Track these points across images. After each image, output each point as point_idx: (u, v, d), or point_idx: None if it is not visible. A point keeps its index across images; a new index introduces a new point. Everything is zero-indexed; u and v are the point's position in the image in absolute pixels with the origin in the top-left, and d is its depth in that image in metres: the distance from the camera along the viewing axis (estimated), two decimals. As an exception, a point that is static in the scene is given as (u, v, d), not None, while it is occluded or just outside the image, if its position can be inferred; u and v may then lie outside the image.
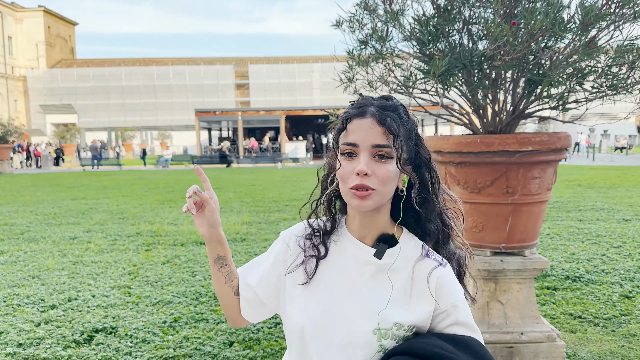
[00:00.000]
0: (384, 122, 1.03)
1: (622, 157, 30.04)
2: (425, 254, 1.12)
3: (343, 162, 1.06)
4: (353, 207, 1.07)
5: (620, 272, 4.96)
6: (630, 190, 11.82)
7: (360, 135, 1.04)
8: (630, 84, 2.75)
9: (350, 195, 1.04)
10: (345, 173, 1.05)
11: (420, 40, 2.86)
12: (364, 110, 1.06)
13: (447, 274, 1.10)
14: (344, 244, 1.13)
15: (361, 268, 1.10)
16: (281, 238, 1.21)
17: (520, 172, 2.92)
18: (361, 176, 1.02)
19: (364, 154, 1.03)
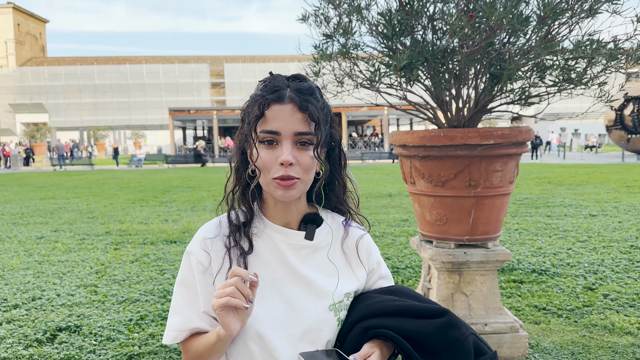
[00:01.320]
0: (306, 108, 1.00)
1: (591, 156, 30.80)
2: (347, 224, 1.17)
3: (262, 150, 1.00)
4: (277, 198, 1.03)
5: (585, 265, 5.08)
6: (598, 187, 12.12)
7: (281, 123, 0.99)
8: (589, 78, 2.82)
9: (273, 186, 1.01)
10: (266, 163, 1.00)
11: (385, 35, 2.88)
12: (281, 95, 1.00)
13: (368, 237, 1.19)
14: (269, 234, 1.08)
15: (296, 253, 1.07)
16: (191, 251, 1.07)
17: (483, 166, 2.96)
18: (286, 166, 0.98)
19: (287, 142, 0.99)
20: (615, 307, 3.93)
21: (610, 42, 2.53)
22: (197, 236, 1.10)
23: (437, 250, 3.15)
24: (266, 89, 1.03)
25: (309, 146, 1.01)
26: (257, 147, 1.01)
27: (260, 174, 1.02)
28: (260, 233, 1.08)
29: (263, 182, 1.03)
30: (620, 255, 5.45)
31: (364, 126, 46.43)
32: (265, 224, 1.09)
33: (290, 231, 1.09)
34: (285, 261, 1.06)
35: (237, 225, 1.08)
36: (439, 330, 1.00)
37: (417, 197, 3.27)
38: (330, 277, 1.09)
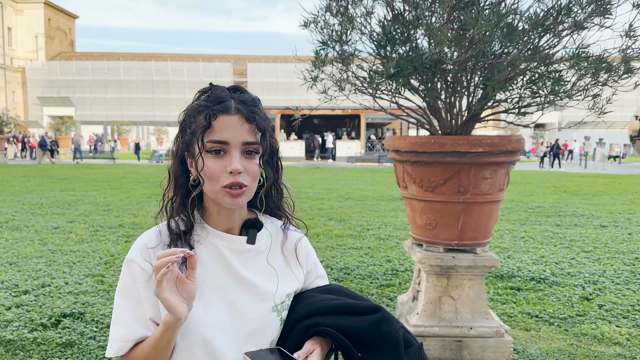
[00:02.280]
0: (253, 119, 1.05)
1: (614, 166, 30.22)
2: (285, 228, 1.23)
3: (210, 160, 1.04)
4: (226, 205, 1.06)
5: (585, 276, 5.08)
6: (614, 198, 11.96)
7: (230, 133, 1.03)
8: (578, 90, 2.87)
9: (222, 194, 1.04)
10: (215, 171, 1.03)
11: (378, 44, 2.98)
12: (227, 106, 1.05)
13: (305, 240, 1.26)
14: (212, 241, 1.11)
15: (239, 258, 1.11)
16: (133, 259, 1.08)
17: (472, 173, 3.03)
18: (235, 174, 1.03)
19: (235, 151, 1.03)
20: (608, 318, 3.95)
21: (596, 56, 2.57)
22: (137, 245, 1.10)
23: (426, 254, 3.23)
24: (210, 99, 1.06)
25: (255, 155, 1.06)
26: (204, 157, 1.04)
27: (206, 182, 1.06)
28: (202, 240, 1.10)
29: (210, 191, 1.07)
30: (624, 267, 5.43)
31: (383, 129, 46.36)
32: (207, 231, 1.11)
33: (233, 236, 1.12)
34: (228, 266, 1.10)
35: (178, 233, 1.09)
36: (373, 326, 1.09)
37: (408, 201, 3.35)
38: (271, 279, 1.14)
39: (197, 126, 1.05)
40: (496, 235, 7.09)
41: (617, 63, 2.69)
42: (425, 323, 3.21)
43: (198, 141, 1.04)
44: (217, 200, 1.07)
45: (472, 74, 3.03)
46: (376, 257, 5.74)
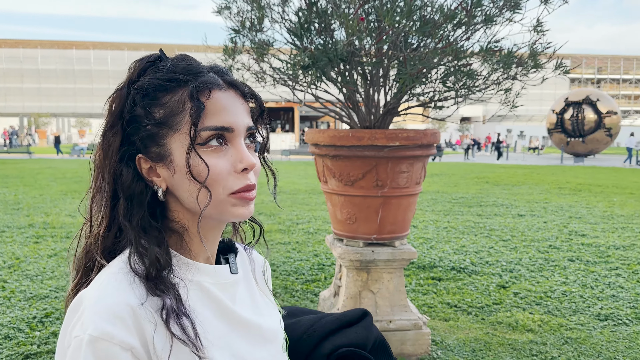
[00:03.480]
0: (252, 95, 0.80)
1: (534, 157, 32.08)
2: (246, 249, 0.98)
3: (209, 156, 0.74)
4: (235, 219, 0.78)
5: (503, 264, 5.27)
6: (532, 188, 12.62)
7: (234, 115, 0.76)
8: (489, 84, 2.91)
9: (231, 204, 0.75)
10: (222, 172, 0.74)
11: (294, 33, 2.87)
12: (215, 78, 0.76)
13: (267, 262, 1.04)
14: (196, 279, 0.79)
15: (228, 295, 0.83)
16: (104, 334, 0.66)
17: (389, 166, 3.01)
18: (248, 172, 0.76)
19: (241, 140, 0.76)
20: (522, 305, 4.10)
21: (506, 50, 2.61)
22: (99, 309, 0.68)
23: (346, 249, 3.19)
24: (180, 70, 0.76)
25: (253, 145, 0.82)
26: (200, 153, 0.73)
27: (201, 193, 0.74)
28: (184, 281, 0.77)
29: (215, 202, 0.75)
30: (538, 255, 5.70)
31: (318, 122, 46.56)
32: (187, 266, 0.79)
33: (216, 268, 0.83)
34: (222, 309, 0.81)
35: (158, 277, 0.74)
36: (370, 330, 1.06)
37: (329, 196, 3.29)
38: (270, 314, 0.92)
39: (171, 111, 0.74)
40: (420, 226, 7.25)
41: (526, 57, 2.74)
42: (345, 319, 3.17)
43: (190, 131, 0.73)
44: (221, 214, 0.77)
45: (389, 67, 3.00)
46: (304, 252, 5.68)
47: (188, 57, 0.79)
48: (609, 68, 69.65)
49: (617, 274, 4.97)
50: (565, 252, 5.82)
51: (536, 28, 2.75)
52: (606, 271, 5.07)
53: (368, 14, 2.36)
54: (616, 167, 21.73)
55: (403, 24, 2.35)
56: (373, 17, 2.44)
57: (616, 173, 18.22)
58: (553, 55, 2.89)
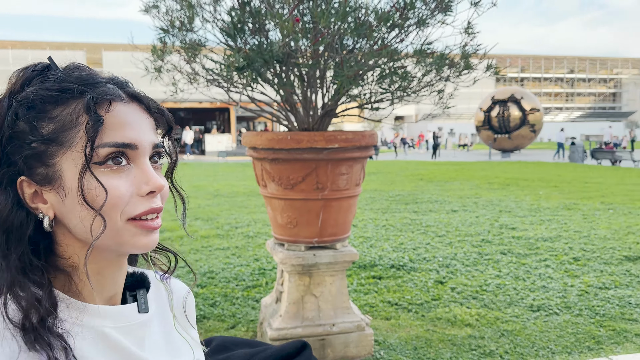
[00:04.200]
0: (159, 111, 0.71)
1: (464, 154, 33.39)
2: (162, 278, 0.85)
3: (108, 177, 0.64)
4: (137, 250, 0.68)
5: (439, 260, 5.41)
6: (463, 184, 13.10)
7: (137, 131, 0.67)
8: (423, 86, 2.95)
9: (131, 232, 0.66)
10: (122, 196, 0.65)
11: (228, 33, 2.78)
12: (114, 90, 0.67)
13: (189, 291, 0.91)
14: (92, 325, 0.68)
15: (132, 339, 0.72)
16: None
17: (329, 169, 2.98)
18: (158, 192, 0.68)
19: (145, 159, 0.68)
20: (459, 300, 4.21)
21: (439, 52, 2.65)
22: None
23: (287, 254, 3.13)
24: (74, 80, 0.67)
25: (160, 164, 0.73)
26: (96, 174, 0.64)
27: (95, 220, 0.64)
28: (75, 328, 0.66)
29: (113, 230, 0.66)
30: (472, 249, 5.89)
31: (255, 122, 46.15)
32: (80, 311, 0.68)
33: (120, 309, 0.72)
34: (127, 357, 0.71)
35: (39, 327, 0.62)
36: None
37: (269, 200, 3.23)
38: (182, 354, 0.82)
39: (62, 126, 0.64)
40: (360, 225, 7.32)
41: (458, 59, 2.80)
42: (288, 325, 3.12)
43: (85, 148, 0.63)
44: (119, 245, 0.67)
45: (325, 69, 2.98)
46: (244, 257, 5.56)
47: (83, 66, 0.70)
48: (531, 67, 73.86)
49: (547, 265, 5.23)
50: (497, 246, 6.06)
51: (467, 30, 2.81)
52: (536, 263, 5.32)
53: (303, 15, 2.32)
54: (541, 162, 23.03)
55: (338, 25, 2.32)
56: (308, 19, 2.40)
57: (541, 167, 19.31)
58: (483, 57, 2.97)
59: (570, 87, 76.34)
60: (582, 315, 3.90)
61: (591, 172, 17.08)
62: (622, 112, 68.67)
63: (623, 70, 77.86)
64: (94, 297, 0.71)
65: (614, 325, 3.69)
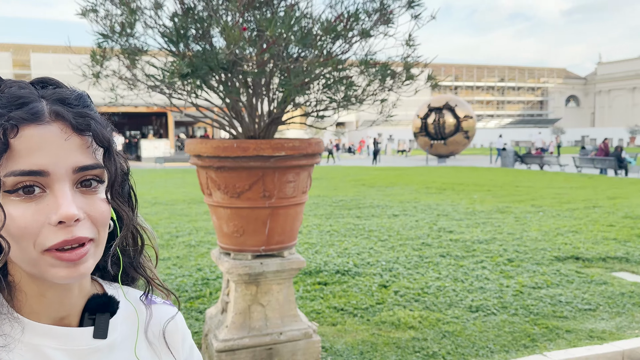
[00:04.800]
0: (86, 127, 0.66)
1: (402, 159, 34.28)
2: (148, 301, 0.81)
3: (14, 206, 0.62)
4: (57, 281, 0.65)
5: (382, 264, 5.52)
6: (403, 188, 13.45)
7: (48, 156, 0.63)
8: (367, 95, 3.01)
9: (48, 264, 0.64)
10: (29, 226, 0.62)
11: (170, 40, 2.73)
12: (37, 110, 0.64)
13: (180, 317, 0.84)
14: (33, 343, 0.67)
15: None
16: None
17: (276, 177, 2.98)
18: (69, 224, 0.63)
19: (62, 185, 0.64)
20: (402, 303, 4.32)
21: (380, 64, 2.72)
22: None
23: (234, 263, 3.09)
24: (9, 100, 0.65)
25: (98, 186, 0.68)
26: (3, 203, 0.62)
27: (12, 246, 0.63)
28: (11, 344, 0.65)
29: (22, 259, 0.64)
30: (413, 252, 6.06)
31: (194, 127, 45.26)
32: (21, 326, 0.67)
33: (68, 330, 0.69)
34: None
35: None
36: None
37: (214, 209, 3.17)
38: None
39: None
40: (305, 232, 7.34)
41: (400, 70, 2.89)
42: (234, 336, 3.07)
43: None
44: (42, 275, 0.65)
45: (272, 77, 2.98)
46: (186, 267, 5.43)
47: (19, 84, 0.67)
48: (464, 76, 77.04)
49: (483, 266, 5.46)
50: (436, 249, 6.26)
51: (408, 42, 2.91)
52: (473, 264, 5.54)
53: (248, 22, 2.31)
54: (474, 167, 24.01)
55: (284, 35, 2.34)
56: (252, 26, 2.40)
57: (475, 172, 20.14)
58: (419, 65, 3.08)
59: (500, 95, 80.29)
60: (518, 314, 4.10)
61: (521, 176, 18.02)
62: (548, 119, 73.02)
63: (549, 80, 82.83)
64: (40, 316, 0.68)
65: (547, 323, 3.91)
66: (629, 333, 3.79)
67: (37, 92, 0.66)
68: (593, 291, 4.65)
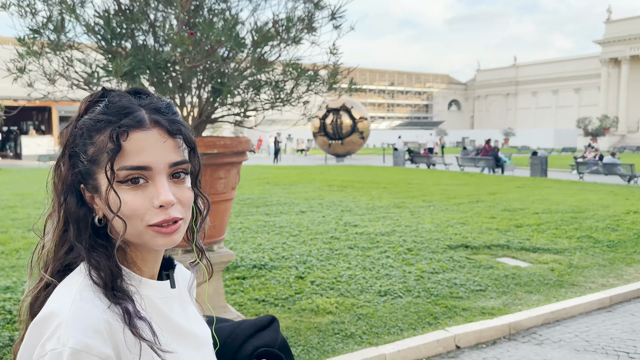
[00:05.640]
0: (178, 132, 0.84)
1: (302, 158, 34.94)
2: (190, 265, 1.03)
3: (125, 193, 0.80)
4: (156, 247, 0.84)
5: (297, 257, 5.79)
6: (306, 186, 13.86)
7: (151, 155, 0.80)
8: (295, 98, 3.25)
9: (151, 235, 0.82)
10: (138, 208, 0.80)
11: (103, 37, 2.75)
12: (140, 118, 0.81)
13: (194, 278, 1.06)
14: (145, 293, 0.87)
15: (171, 308, 0.91)
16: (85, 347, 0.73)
17: (208, 173, 3.11)
18: (167, 208, 0.81)
19: (161, 177, 0.81)
20: (319, 292, 4.61)
21: (311, 70, 2.98)
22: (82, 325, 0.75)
23: (164, 258, 3.17)
24: (110, 111, 0.81)
25: (185, 177, 0.85)
26: (117, 190, 0.79)
27: (131, 221, 0.81)
28: (135, 294, 0.84)
29: (132, 233, 0.82)
30: (324, 246, 6.40)
31: (80, 123, 42.38)
32: (136, 280, 0.86)
33: (160, 283, 0.91)
34: (166, 320, 0.89)
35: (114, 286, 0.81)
36: (278, 332, 1.18)
37: (142, 205, 3.22)
38: (200, 321, 1.01)
39: (98, 150, 0.80)
40: (216, 229, 7.39)
41: (327, 75, 3.16)
42: (167, 328, 3.16)
43: (106, 170, 0.79)
44: (145, 243, 0.84)
45: (203, 77, 3.10)
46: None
47: (121, 95, 0.85)
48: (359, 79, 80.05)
49: (387, 256, 5.94)
50: (344, 242, 6.66)
51: (332, 50, 3.19)
52: (378, 254, 6.01)
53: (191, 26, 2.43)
54: (370, 166, 25.21)
55: (223, 40, 2.50)
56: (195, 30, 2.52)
57: (370, 171, 21.20)
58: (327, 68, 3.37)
59: (391, 99, 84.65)
60: (421, 296, 4.58)
61: (412, 174, 19.32)
62: (433, 122, 78.34)
63: (434, 85, 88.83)
64: (145, 273, 0.90)
65: (446, 302, 4.42)
66: (513, 308, 4.41)
67: (137, 101, 0.84)
68: (482, 274, 5.29)
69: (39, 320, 0.77)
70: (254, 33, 2.71)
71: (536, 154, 19.72)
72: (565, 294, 4.81)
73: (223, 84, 2.69)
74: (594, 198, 11.54)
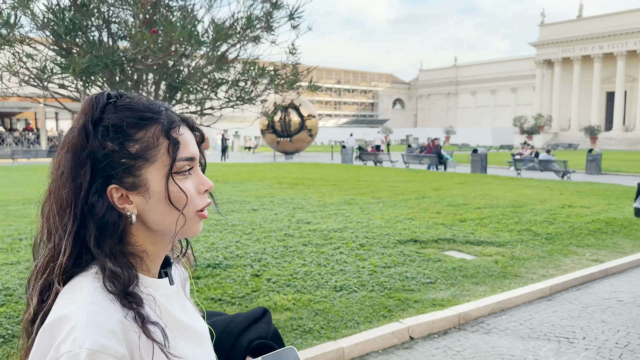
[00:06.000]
0: (197, 128, 0.93)
1: (250, 155, 34.67)
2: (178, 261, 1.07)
3: (182, 182, 0.86)
4: (193, 235, 0.90)
5: (251, 255, 5.78)
6: (257, 184, 13.79)
7: (193, 146, 0.89)
8: (254, 96, 3.27)
9: (195, 220, 0.89)
10: (193, 195, 0.87)
11: (56, 32, 2.67)
12: (174, 117, 0.89)
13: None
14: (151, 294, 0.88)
15: (171, 305, 0.93)
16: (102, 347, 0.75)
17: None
18: (206, 193, 0.90)
19: (197, 166, 0.90)
20: (276, 289, 4.65)
21: (271, 69, 3.01)
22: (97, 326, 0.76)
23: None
24: (145, 108, 0.85)
25: None
26: (175, 179, 0.84)
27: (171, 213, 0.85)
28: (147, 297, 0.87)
29: (179, 222, 0.86)
30: (278, 243, 6.42)
31: (12, 119, 40.08)
32: (144, 282, 0.88)
33: (160, 282, 0.93)
34: (168, 317, 0.91)
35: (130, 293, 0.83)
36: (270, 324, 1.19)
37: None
38: (198, 316, 1.03)
39: (146, 146, 0.83)
40: (166, 229, 7.25)
41: (286, 74, 3.20)
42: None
43: (174, 162, 0.83)
44: (185, 231, 0.88)
45: (160, 75, 3.06)
46: (40, 270, 5.06)
47: (137, 95, 0.89)
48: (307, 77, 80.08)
49: (340, 252, 6.05)
50: (298, 239, 6.72)
51: (291, 50, 3.23)
52: (332, 250, 6.10)
53: (154, 24, 2.40)
54: (319, 163, 25.37)
55: (183, 39, 2.49)
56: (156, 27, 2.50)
57: (319, 168, 21.35)
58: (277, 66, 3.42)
59: (337, 97, 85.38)
60: (375, 290, 4.70)
61: (361, 171, 19.63)
62: (378, 120, 79.73)
63: (379, 84, 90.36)
64: (149, 272, 0.92)
65: (398, 295, 4.57)
66: (462, 299, 4.62)
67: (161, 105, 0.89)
68: (431, 268, 5.49)
69: (50, 324, 0.77)
70: (210, 30, 2.71)
71: (476, 152, 20.53)
72: (509, 285, 5.08)
73: (183, 82, 2.67)
74: (532, 193, 12.18)
